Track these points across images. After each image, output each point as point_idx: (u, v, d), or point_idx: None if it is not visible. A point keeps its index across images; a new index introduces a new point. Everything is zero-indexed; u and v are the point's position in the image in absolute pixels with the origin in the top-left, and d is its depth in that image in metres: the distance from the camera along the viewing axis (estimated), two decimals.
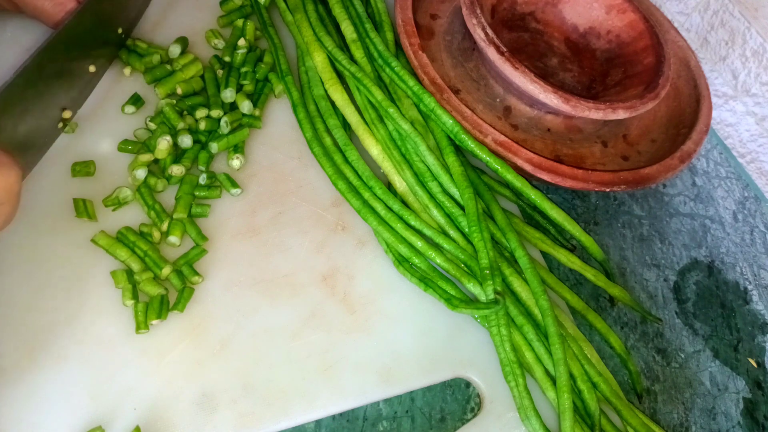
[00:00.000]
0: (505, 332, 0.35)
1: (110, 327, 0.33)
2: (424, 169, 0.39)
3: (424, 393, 0.35)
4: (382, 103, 0.40)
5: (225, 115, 0.40)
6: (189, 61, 0.41)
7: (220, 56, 0.43)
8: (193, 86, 0.41)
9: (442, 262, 0.37)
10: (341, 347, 0.35)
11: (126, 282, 0.34)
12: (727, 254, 0.48)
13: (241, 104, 0.41)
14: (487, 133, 0.39)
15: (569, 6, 0.48)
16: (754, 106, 0.53)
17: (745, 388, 0.42)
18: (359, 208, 0.38)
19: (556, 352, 0.34)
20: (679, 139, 0.43)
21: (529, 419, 0.33)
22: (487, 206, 0.40)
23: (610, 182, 0.39)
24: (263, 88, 0.43)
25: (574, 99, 0.38)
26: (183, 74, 0.41)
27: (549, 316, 0.35)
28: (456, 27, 0.47)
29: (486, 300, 0.35)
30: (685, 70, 0.47)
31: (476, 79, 0.44)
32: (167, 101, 0.40)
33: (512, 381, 0.34)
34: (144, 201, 0.36)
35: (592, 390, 0.35)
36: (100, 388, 0.31)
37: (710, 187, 0.51)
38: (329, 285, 0.37)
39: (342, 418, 0.34)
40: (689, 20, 0.57)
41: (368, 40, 0.43)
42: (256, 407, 0.32)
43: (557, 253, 0.41)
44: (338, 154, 0.40)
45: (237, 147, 0.40)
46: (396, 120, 0.39)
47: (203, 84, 0.41)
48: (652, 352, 0.41)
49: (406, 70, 0.40)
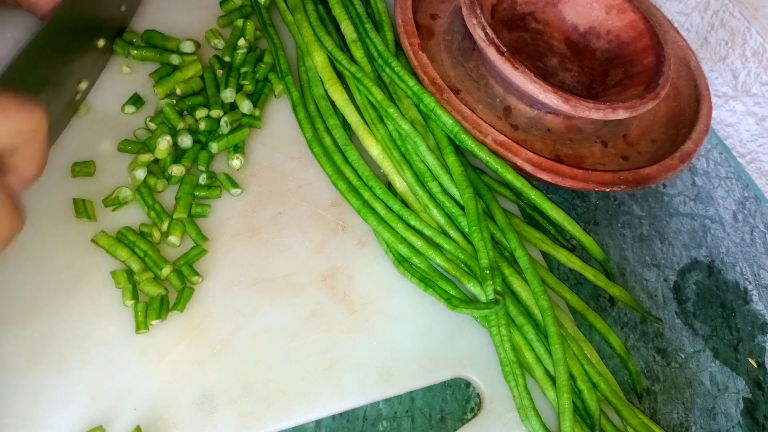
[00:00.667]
0: (505, 332, 0.35)
1: (110, 327, 0.33)
2: (424, 169, 0.39)
3: (424, 393, 0.35)
4: (382, 103, 0.40)
5: (225, 115, 0.40)
6: (189, 62, 0.41)
7: (220, 56, 0.43)
8: (192, 86, 0.41)
9: (442, 262, 0.37)
10: (341, 347, 0.35)
11: (126, 282, 0.34)
12: (727, 254, 0.48)
13: (241, 104, 0.41)
14: (487, 133, 0.39)
15: (569, 6, 0.48)
16: (754, 106, 0.53)
17: (745, 388, 0.42)
18: (359, 208, 0.38)
19: (556, 352, 0.34)
20: (679, 139, 0.43)
21: (529, 419, 0.33)
22: (487, 206, 0.40)
23: (610, 182, 0.39)
24: (263, 88, 0.43)
25: (574, 99, 0.38)
26: (182, 74, 0.41)
27: (549, 316, 0.35)
28: (456, 27, 0.47)
29: (486, 300, 0.35)
30: (685, 70, 0.47)
31: (476, 79, 0.44)
32: (167, 101, 0.40)
33: (512, 381, 0.34)
34: (144, 201, 0.36)
35: (592, 390, 0.35)
36: (100, 388, 0.31)
37: (710, 187, 0.51)
38: (329, 285, 0.37)
39: (342, 418, 0.34)
40: (689, 20, 0.57)
41: (368, 40, 0.43)
42: (256, 407, 0.32)
43: (557, 253, 0.41)
44: (338, 154, 0.40)
45: (237, 147, 0.40)
46: (396, 120, 0.39)
47: (203, 84, 0.42)
48: (652, 352, 0.41)
49: (406, 70, 0.40)
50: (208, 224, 0.37)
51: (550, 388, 0.35)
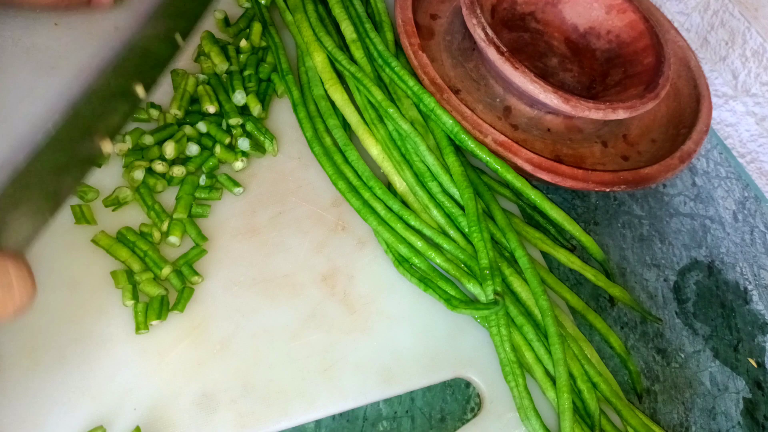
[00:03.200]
0: (505, 332, 0.35)
1: (110, 327, 0.33)
2: (424, 169, 0.39)
3: (424, 393, 0.35)
4: (381, 103, 0.40)
5: (247, 121, 0.40)
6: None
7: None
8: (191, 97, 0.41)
9: (441, 263, 0.37)
10: (341, 347, 0.35)
11: (126, 282, 0.34)
12: (727, 254, 0.48)
13: (253, 108, 0.41)
14: (487, 133, 0.39)
15: (569, 6, 0.48)
16: (754, 106, 0.53)
17: (745, 388, 0.42)
18: (359, 208, 0.38)
19: (556, 352, 0.34)
20: (679, 139, 0.43)
21: (529, 419, 0.34)
22: (487, 206, 0.40)
23: (610, 182, 0.39)
24: (267, 88, 0.43)
25: (574, 99, 0.38)
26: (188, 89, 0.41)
27: (549, 316, 0.35)
28: (456, 27, 0.47)
29: (485, 300, 0.35)
30: (685, 70, 0.47)
31: (476, 79, 0.44)
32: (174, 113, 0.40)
33: (512, 381, 0.34)
34: (143, 201, 0.36)
35: (592, 390, 0.35)
36: (100, 388, 0.31)
37: (710, 187, 0.51)
38: (329, 285, 0.37)
39: (342, 418, 0.34)
40: (689, 20, 0.57)
41: (368, 40, 0.43)
42: (256, 407, 0.32)
43: (557, 253, 0.41)
44: (338, 154, 0.40)
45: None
46: (396, 120, 0.39)
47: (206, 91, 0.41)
48: (652, 352, 0.41)
49: (406, 70, 0.40)
50: (207, 224, 0.37)
51: (551, 389, 0.35)
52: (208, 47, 0.42)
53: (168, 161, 0.38)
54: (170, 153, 0.38)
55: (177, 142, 0.38)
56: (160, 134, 0.38)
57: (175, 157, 0.38)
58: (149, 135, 0.38)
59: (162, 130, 0.39)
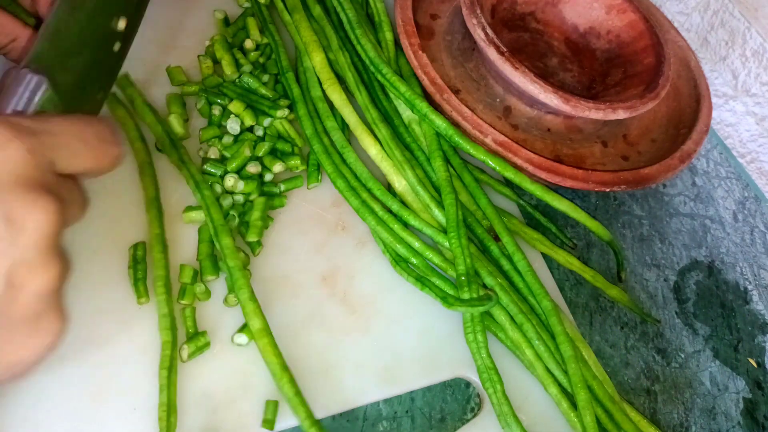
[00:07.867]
0: (482, 339, 0.35)
1: (110, 327, 0.33)
2: (429, 170, 0.39)
3: (424, 393, 0.35)
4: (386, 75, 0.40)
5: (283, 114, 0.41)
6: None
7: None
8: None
9: (440, 262, 0.37)
10: (341, 347, 0.35)
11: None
12: (727, 254, 0.48)
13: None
14: (487, 133, 0.39)
15: (569, 6, 0.48)
16: (754, 106, 0.53)
17: (745, 388, 0.42)
18: (357, 207, 0.38)
19: (566, 350, 0.34)
20: (679, 139, 0.43)
21: (510, 426, 0.33)
22: (483, 211, 0.40)
23: (610, 182, 0.39)
24: (275, 85, 0.43)
25: (574, 99, 0.38)
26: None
27: (553, 316, 0.35)
28: (456, 27, 0.47)
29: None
30: (685, 70, 0.47)
31: (476, 79, 0.44)
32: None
33: (490, 388, 0.34)
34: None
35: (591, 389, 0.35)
36: (100, 388, 0.31)
37: (710, 187, 0.51)
38: (329, 285, 0.37)
39: (342, 418, 0.34)
40: (689, 20, 0.57)
41: (359, 46, 0.43)
42: (256, 407, 0.32)
43: (556, 254, 0.41)
44: (336, 155, 0.40)
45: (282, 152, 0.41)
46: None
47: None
48: (652, 352, 0.41)
49: (397, 77, 0.40)
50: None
51: (552, 385, 0.34)
52: (220, 53, 0.42)
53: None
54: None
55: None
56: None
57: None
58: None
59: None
